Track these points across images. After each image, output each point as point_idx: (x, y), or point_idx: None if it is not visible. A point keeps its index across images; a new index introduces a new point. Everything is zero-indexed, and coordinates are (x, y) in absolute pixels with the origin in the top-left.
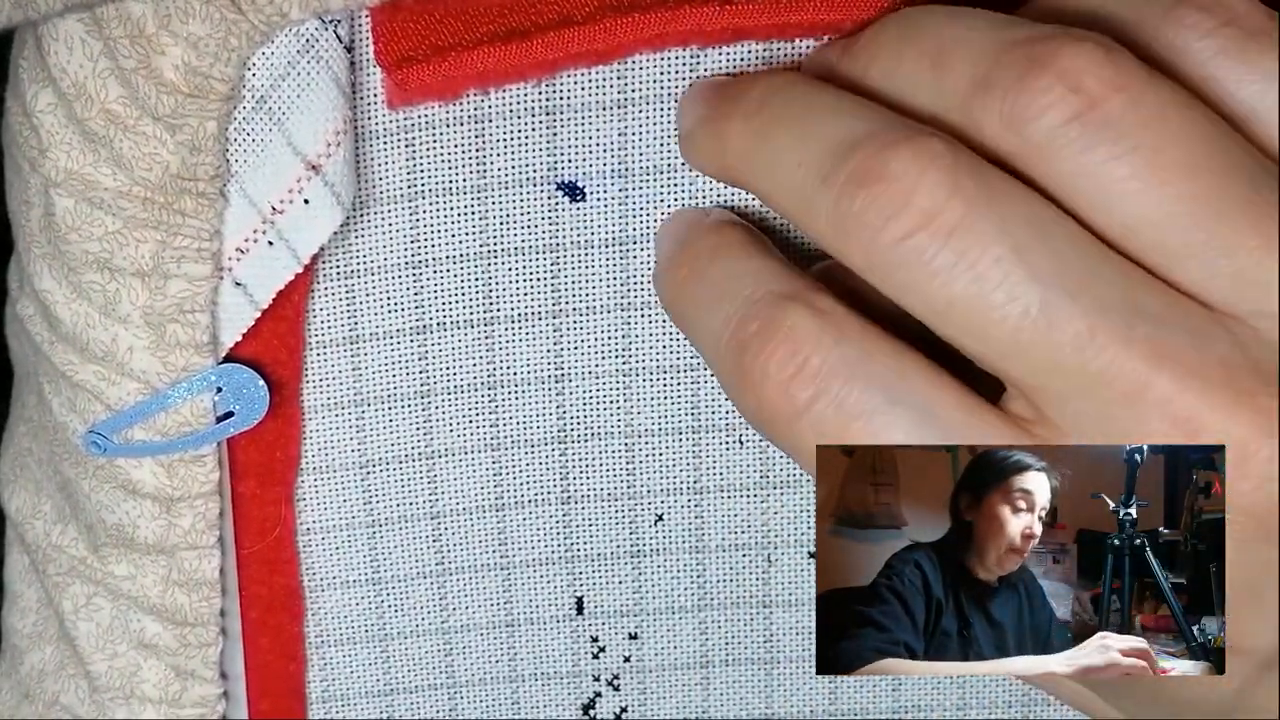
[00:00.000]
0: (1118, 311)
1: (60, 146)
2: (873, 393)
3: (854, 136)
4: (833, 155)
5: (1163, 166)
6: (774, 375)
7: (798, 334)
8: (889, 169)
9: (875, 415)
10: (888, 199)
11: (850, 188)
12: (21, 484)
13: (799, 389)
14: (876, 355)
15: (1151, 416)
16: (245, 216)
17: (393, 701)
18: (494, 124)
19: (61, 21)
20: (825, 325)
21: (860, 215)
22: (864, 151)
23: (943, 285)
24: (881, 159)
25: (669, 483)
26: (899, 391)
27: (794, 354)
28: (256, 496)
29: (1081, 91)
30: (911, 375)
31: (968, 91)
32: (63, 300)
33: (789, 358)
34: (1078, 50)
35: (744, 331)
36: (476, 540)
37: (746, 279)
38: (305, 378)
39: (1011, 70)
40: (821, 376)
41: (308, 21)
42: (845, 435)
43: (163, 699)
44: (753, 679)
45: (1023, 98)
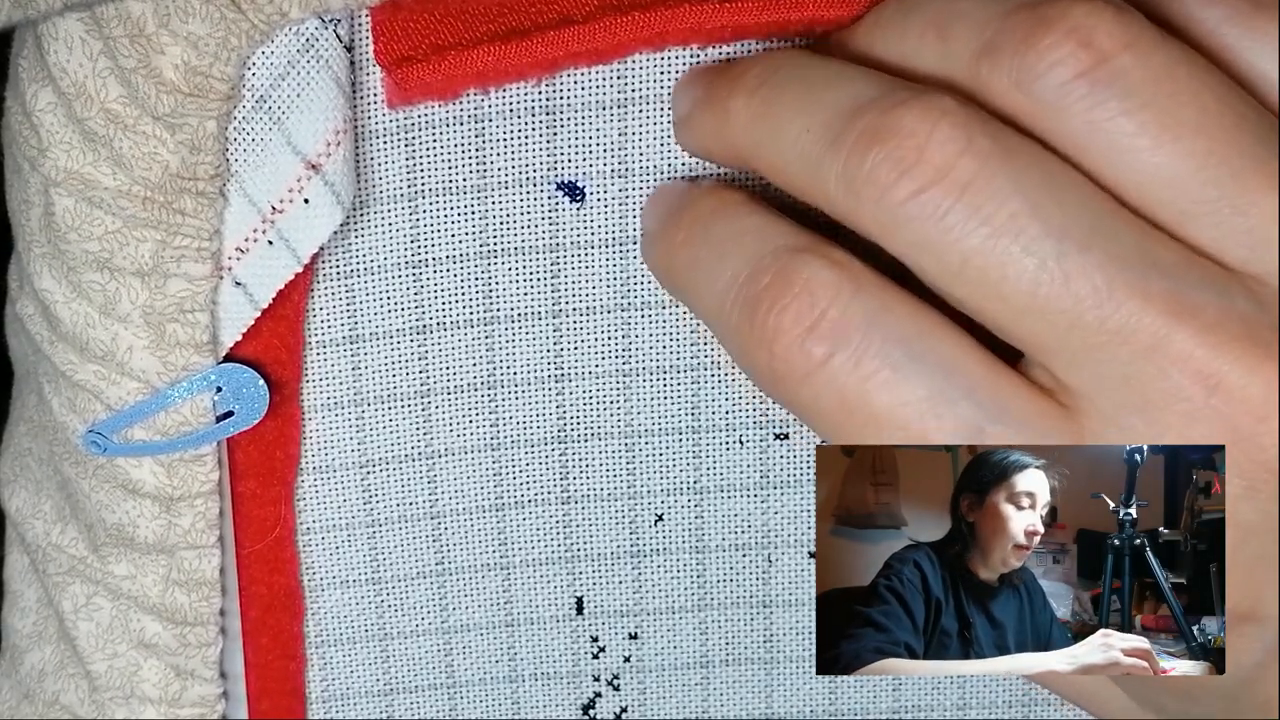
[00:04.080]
0: (1134, 265)
1: (60, 146)
2: (892, 347)
3: (862, 99)
4: (841, 118)
5: (1174, 123)
6: (789, 329)
7: (814, 286)
8: (901, 125)
9: (895, 371)
10: (899, 155)
11: (861, 147)
12: (21, 483)
13: (815, 343)
14: (896, 308)
15: (1172, 372)
16: (245, 216)
17: (392, 701)
18: (494, 124)
19: (61, 21)
20: (843, 277)
21: (871, 173)
22: (874, 111)
23: (956, 241)
24: (893, 116)
25: (669, 483)
26: (920, 346)
27: (811, 307)
28: (256, 496)
29: (1091, 47)
30: (932, 331)
31: (975, 54)
32: (63, 300)
33: (806, 310)
34: (1088, 8)
35: (755, 286)
36: (476, 540)
37: (754, 235)
38: (305, 377)
39: (1019, 30)
40: (839, 329)
41: (308, 21)
42: (863, 392)
43: (162, 699)
44: (753, 679)
45: (1030, 55)
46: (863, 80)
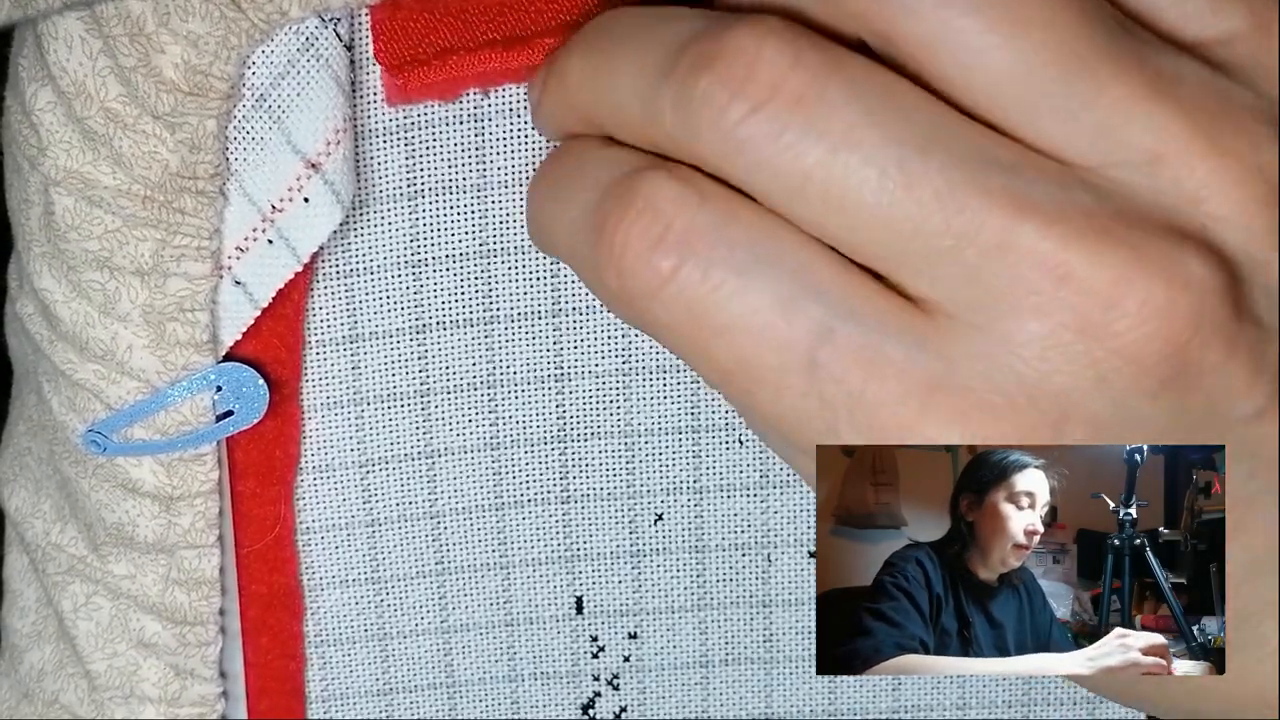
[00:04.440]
0: (973, 164)
1: (60, 145)
2: (739, 254)
3: (691, 32)
4: (672, 52)
5: (1021, 20)
6: (634, 244)
7: (658, 199)
8: (728, 47)
9: (742, 277)
10: (729, 75)
11: (693, 73)
12: (21, 483)
13: (662, 256)
14: (742, 216)
15: (1020, 266)
16: (245, 215)
17: (392, 701)
18: (494, 123)
19: (61, 20)
20: (686, 189)
21: (705, 97)
22: (703, 39)
23: (795, 159)
24: (721, 40)
25: (669, 482)
26: (766, 251)
27: (655, 220)
28: (256, 495)
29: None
30: (779, 235)
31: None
32: (62, 299)
33: (650, 224)
34: None
35: (601, 209)
36: (476, 539)
37: (597, 163)
38: (305, 376)
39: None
40: (685, 241)
41: (308, 20)
42: (712, 302)
43: (162, 698)
44: (752, 679)
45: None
46: (690, 17)
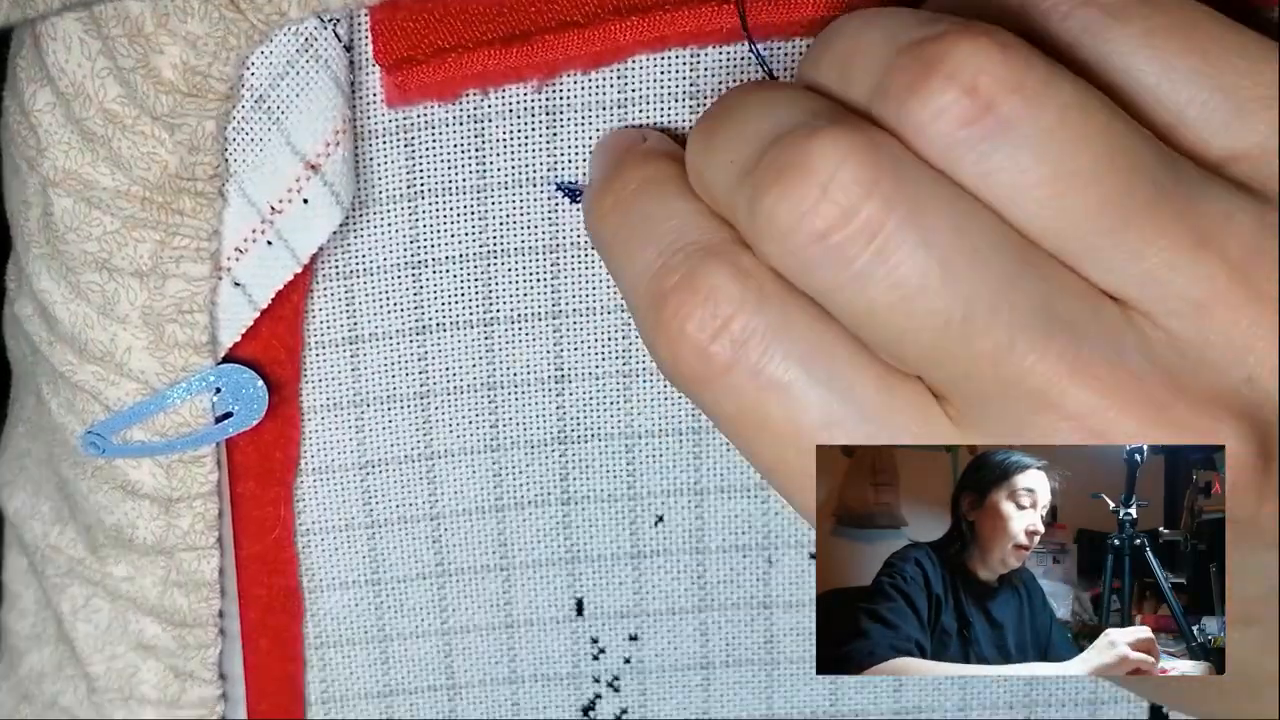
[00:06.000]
0: (1037, 321)
1: (58, 146)
2: (790, 365)
3: (778, 129)
4: (756, 151)
5: (1067, 173)
6: (691, 335)
7: (718, 295)
8: (804, 161)
9: (791, 389)
10: (801, 194)
11: (763, 184)
12: (20, 485)
13: (716, 352)
14: (797, 324)
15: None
16: (244, 216)
17: (392, 703)
18: (494, 124)
19: (59, 20)
20: (747, 288)
21: (772, 213)
22: (785, 145)
23: (861, 291)
24: (800, 149)
25: (669, 483)
26: (817, 367)
27: (713, 315)
28: (255, 497)
29: (975, 94)
30: (831, 349)
31: (868, 98)
32: (61, 300)
33: (708, 319)
34: (972, 48)
35: (663, 283)
36: (476, 541)
37: (670, 224)
38: (304, 378)
39: (905, 74)
40: (739, 343)
41: (307, 20)
42: (760, 405)
43: (161, 700)
44: (753, 680)
45: (913, 103)
46: (787, 108)
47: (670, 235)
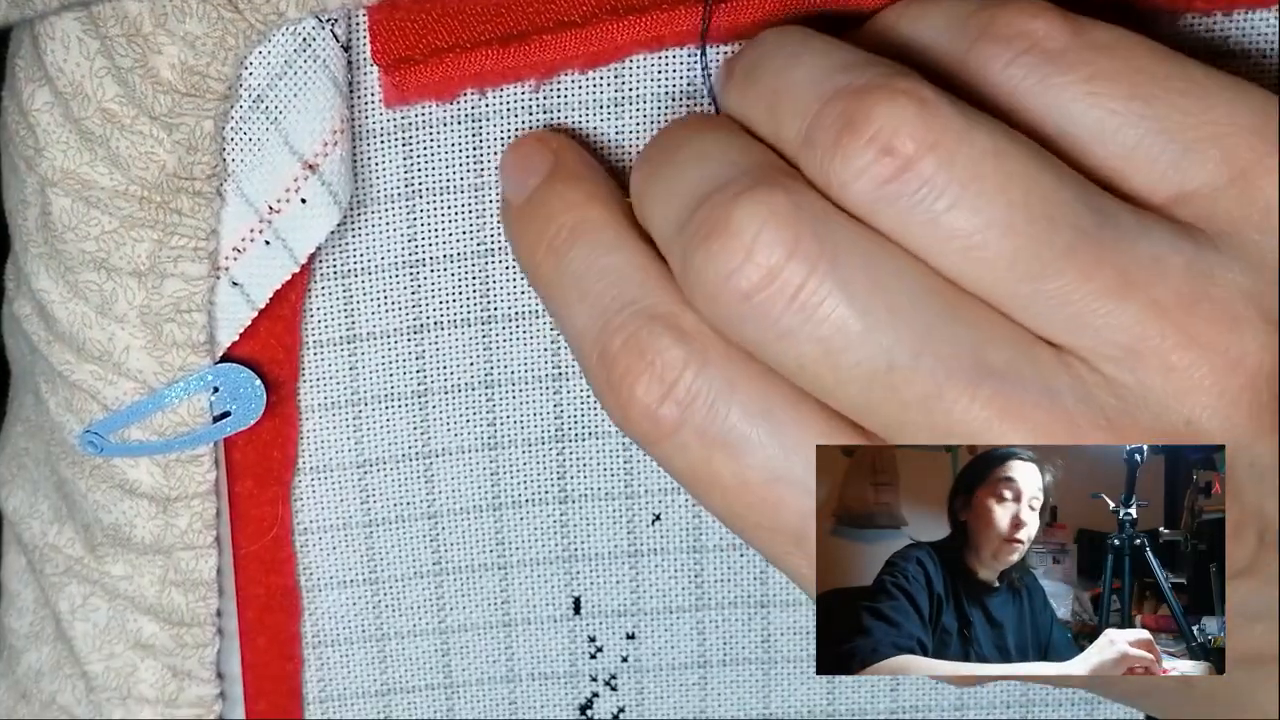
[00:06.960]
0: (964, 367)
1: (57, 145)
2: (734, 424)
3: (708, 186)
4: (689, 205)
5: (983, 224)
6: (640, 399)
7: (663, 360)
8: (728, 224)
9: (736, 446)
10: (726, 255)
11: (693, 243)
12: (18, 484)
13: (663, 415)
14: (740, 383)
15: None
16: (242, 216)
17: (390, 701)
18: (491, 123)
19: (58, 20)
20: (691, 350)
21: (700, 273)
22: (711, 203)
23: (789, 348)
24: (725, 210)
25: (667, 482)
26: (761, 423)
27: (660, 380)
28: (253, 496)
29: (894, 154)
30: (775, 404)
31: (795, 146)
32: (59, 300)
33: (654, 383)
34: (890, 108)
35: (609, 344)
36: (474, 540)
37: (608, 281)
38: (302, 377)
39: (827, 133)
40: (684, 405)
41: (305, 20)
42: (707, 461)
43: (159, 699)
44: (750, 679)
45: (837, 161)
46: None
47: (610, 293)
